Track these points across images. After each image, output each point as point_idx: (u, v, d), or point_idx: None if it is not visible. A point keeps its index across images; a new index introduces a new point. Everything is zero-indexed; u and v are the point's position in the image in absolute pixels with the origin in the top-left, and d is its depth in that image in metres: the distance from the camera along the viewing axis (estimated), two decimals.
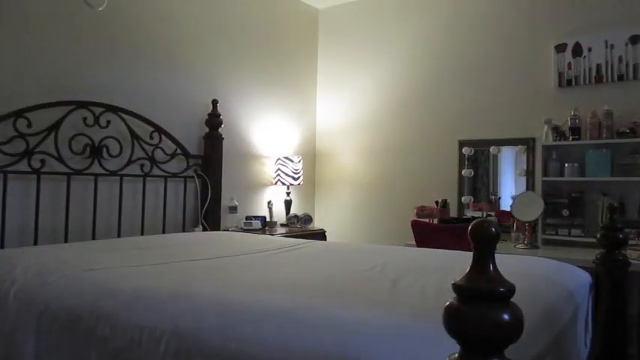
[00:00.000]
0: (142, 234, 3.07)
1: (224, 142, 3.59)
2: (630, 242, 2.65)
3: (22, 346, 1.60)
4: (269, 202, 3.97)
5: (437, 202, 3.60)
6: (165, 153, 3.24)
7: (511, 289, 0.72)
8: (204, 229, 3.38)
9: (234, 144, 3.79)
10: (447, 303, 0.75)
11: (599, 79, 3.31)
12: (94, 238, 2.83)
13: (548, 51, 3.51)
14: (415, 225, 3.15)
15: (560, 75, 3.45)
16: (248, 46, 3.94)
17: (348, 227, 4.36)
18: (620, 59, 3.25)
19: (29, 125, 2.57)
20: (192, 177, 3.43)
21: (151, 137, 3.17)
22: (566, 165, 3.31)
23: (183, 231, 3.33)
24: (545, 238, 3.41)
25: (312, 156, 4.55)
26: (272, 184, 4.08)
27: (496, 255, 0.75)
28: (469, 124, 3.82)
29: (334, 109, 4.52)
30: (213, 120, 3.51)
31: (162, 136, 3.23)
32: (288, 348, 1.14)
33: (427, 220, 3.47)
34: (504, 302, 0.72)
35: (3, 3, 2.56)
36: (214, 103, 3.53)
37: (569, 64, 3.42)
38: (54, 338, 1.55)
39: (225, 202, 3.58)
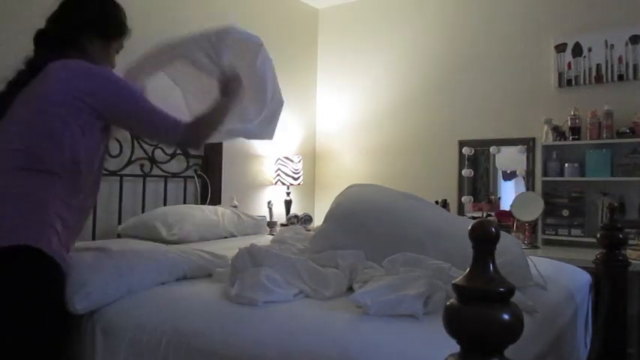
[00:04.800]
0: None
1: (224, 142, 3.59)
2: (630, 242, 2.65)
3: None
4: (269, 202, 3.97)
5: (437, 202, 3.60)
6: (166, 153, 3.24)
7: (511, 289, 0.72)
8: None
9: (234, 144, 3.79)
10: (448, 303, 0.75)
11: (599, 79, 3.32)
12: (94, 238, 2.83)
13: (548, 51, 3.51)
14: None
15: (560, 75, 3.45)
16: None
17: None
18: (620, 59, 3.25)
19: None
20: (192, 177, 3.43)
21: None
22: (566, 165, 3.32)
23: None
24: (545, 238, 3.41)
25: (312, 156, 4.55)
26: (272, 184, 4.08)
27: None
28: (469, 124, 3.82)
29: (334, 109, 4.52)
30: None
31: None
32: (288, 348, 1.15)
33: None
34: (504, 302, 0.72)
35: (2, 3, 2.56)
36: None
37: (569, 64, 3.42)
38: None
39: (225, 202, 3.58)
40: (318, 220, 4.45)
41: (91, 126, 1.42)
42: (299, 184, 4.08)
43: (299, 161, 4.05)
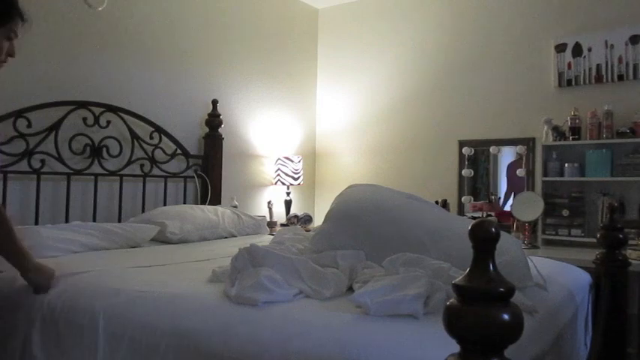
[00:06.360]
0: None
1: (224, 142, 3.59)
2: (630, 242, 2.65)
3: (29, 345, 1.60)
4: (269, 202, 3.97)
5: (437, 202, 3.60)
6: (166, 153, 3.24)
7: (511, 289, 0.72)
8: None
9: (234, 144, 3.79)
10: (448, 303, 0.75)
11: (599, 79, 3.32)
12: None
13: (548, 51, 3.51)
14: None
15: (560, 75, 3.45)
16: (248, 46, 3.94)
17: None
18: (620, 59, 3.25)
19: (29, 125, 2.57)
20: (192, 177, 3.43)
21: (151, 137, 3.17)
22: (566, 165, 3.31)
23: None
24: (545, 238, 3.40)
25: (312, 156, 4.55)
26: (272, 184, 4.08)
27: None
28: (469, 124, 3.82)
29: (334, 109, 4.52)
30: (213, 120, 3.51)
31: (162, 136, 3.23)
32: (288, 348, 1.15)
33: None
34: (504, 302, 0.72)
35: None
36: (214, 103, 3.53)
37: (569, 64, 3.42)
38: (55, 338, 1.55)
39: (225, 202, 3.58)
40: (318, 220, 4.45)
41: None
42: (299, 184, 4.08)
43: (299, 161, 4.05)
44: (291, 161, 4.01)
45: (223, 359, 1.19)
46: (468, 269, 0.74)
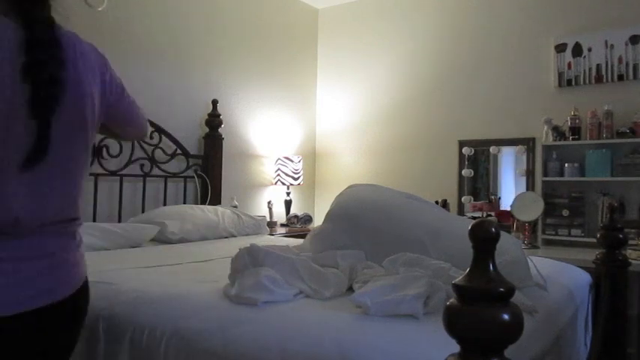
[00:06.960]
0: None
1: (224, 142, 3.59)
2: (630, 242, 2.65)
3: None
4: (269, 202, 3.97)
5: (437, 202, 3.60)
6: (166, 153, 3.24)
7: (511, 289, 0.72)
8: None
9: (234, 144, 3.79)
10: (448, 303, 0.75)
11: (599, 79, 3.31)
12: None
13: (548, 51, 3.51)
14: None
15: (560, 75, 3.45)
16: (248, 46, 3.94)
17: None
18: (620, 59, 3.25)
19: None
20: (192, 177, 3.43)
21: (151, 137, 3.17)
22: (566, 165, 3.31)
23: None
24: (545, 238, 3.40)
25: (312, 156, 4.55)
26: (272, 184, 4.08)
27: None
28: (469, 124, 3.82)
29: (334, 109, 4.52)
30: (213, 120, 3.51)
31: (162, 136, 3.23)
32: (288, 348, 1.15)
33: None
34: (504, 302, 0.72)
35: None
36: (214, 103, 3.53)
37: (569, 64, 3.42)
38: None
39: (225, 202, 3.58)
40: (318, 220, 4.45)
41: None
42: (299, 184, 4.08)
43: (299, 161, 4.05)
44: (291, 161, 4.01)
45: (223, 359, 1.19)
46: (467, 269, 0.74)
